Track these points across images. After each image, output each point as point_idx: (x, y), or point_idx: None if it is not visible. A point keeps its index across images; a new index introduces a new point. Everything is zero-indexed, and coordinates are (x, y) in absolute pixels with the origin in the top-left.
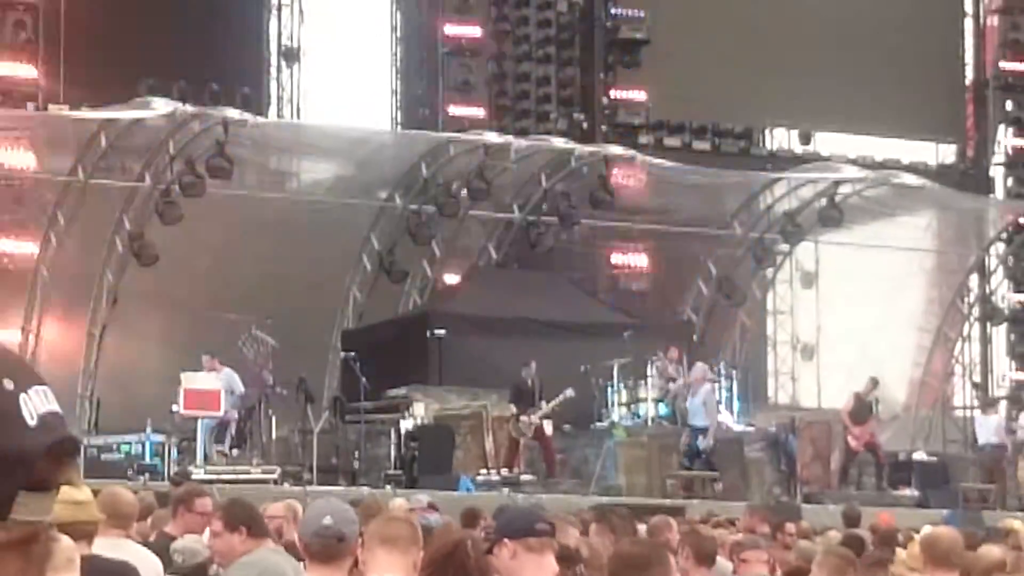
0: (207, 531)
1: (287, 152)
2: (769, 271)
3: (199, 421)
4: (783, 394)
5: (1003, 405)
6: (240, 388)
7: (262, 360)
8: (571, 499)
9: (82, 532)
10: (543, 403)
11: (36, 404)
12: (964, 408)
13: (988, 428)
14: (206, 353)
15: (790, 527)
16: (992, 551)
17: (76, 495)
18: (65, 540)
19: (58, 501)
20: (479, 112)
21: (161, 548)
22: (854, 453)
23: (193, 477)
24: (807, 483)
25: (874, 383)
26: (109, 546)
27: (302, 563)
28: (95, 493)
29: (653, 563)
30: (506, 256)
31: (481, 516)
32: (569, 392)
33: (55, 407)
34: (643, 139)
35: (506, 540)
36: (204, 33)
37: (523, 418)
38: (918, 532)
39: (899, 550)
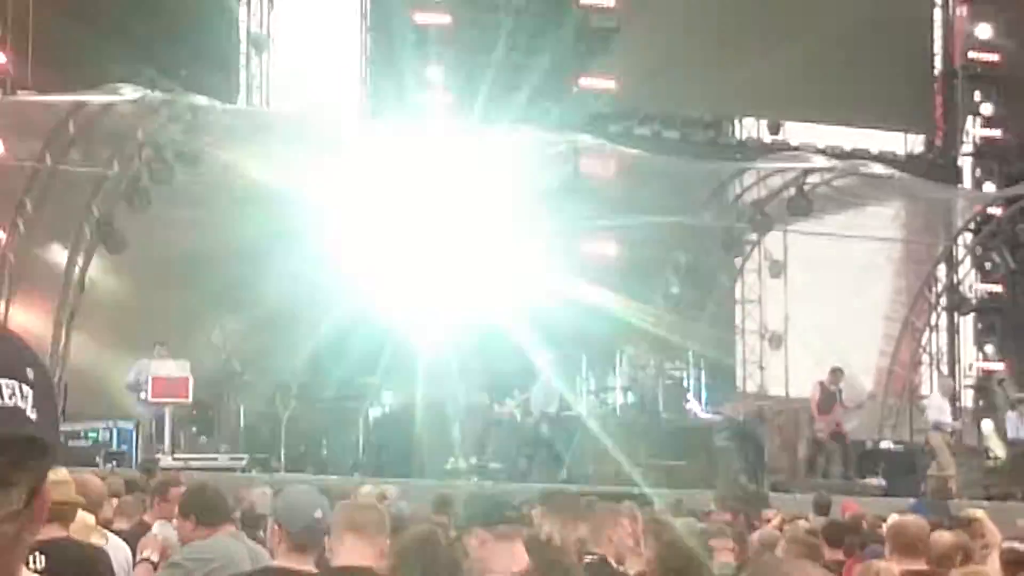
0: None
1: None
2: (737, 260)
3: (166, 408)
4: (751, 383)
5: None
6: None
7: (231, 347)
8: (539, 487)
9: (58, 513)
10: (516, 392)
11: None
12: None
13: (1013, 424)
14: (159, 343)
15: (767, 514)
16: (945, 536)
17: (51, 475)
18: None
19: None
20: (448, 100)
21: (137, 537)
22: (820, 442)
23: (161, 465)
24: (774, 472)
25: (838, 372)
26: (76, 531)
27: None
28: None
29: None
30: None
31: (451, 503)
32: (543, 382)
33: (8, 402)
34: (612, 128)
35: (475, 528)
36: (174, 20)
37: (496, 407)
38: (885, 520)
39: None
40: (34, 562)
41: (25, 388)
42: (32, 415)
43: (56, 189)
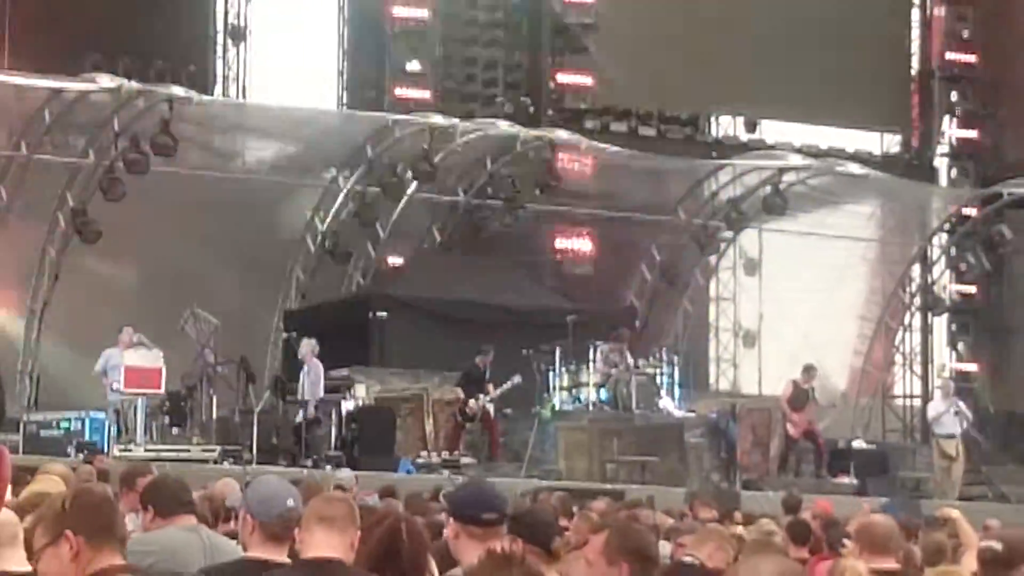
0: None
1: (232, 131)
2: (712, 258)
3: (139, 399)
4: (724, 381)
5: None
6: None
7: (204, 339)
8: (509, 482)
9: (36, 506)
10: (490, 388)
11: None
12: (904, 397)
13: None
14: (128, 325)
15: (738, 515)
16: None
17: (53, 473)
18: (8, 515)
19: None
20: (425, 94)
21: None
22: (793, 440)
23: (133, 455)
24: (746, 470)
25: (811, 371)
26: None
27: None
28: (31, 471)
29: None
30: (450, 239)
31: (395, 493)
32: (517, 379)
33: None
34: (589, 124)
35: (451, 519)
36: (150, 10)
37: (471, 403)
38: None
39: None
40: None
41: None
42: None
43: (31, 178)
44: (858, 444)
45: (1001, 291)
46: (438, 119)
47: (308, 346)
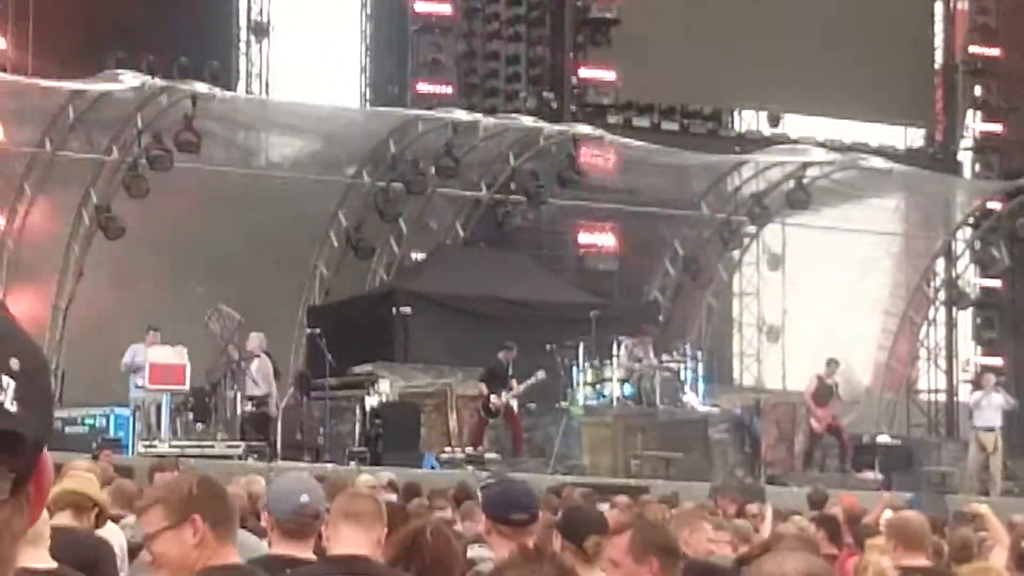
0: None
1: (255, 127)
2: (736, 253)
3: (163, 395)
4: (748, 376)
5: None
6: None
7: (228, 335)
8: (533, 477)
9: (73, 502)
10: (514, 383)
11: None
12: (929, 392)
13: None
14: (152, 328)
15: (752, 508)
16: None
17: (84, 470)
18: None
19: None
20: (448, 90)
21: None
22: (818, 436)
23: (157, 451)
24: (771, 465)
25: (834, 365)
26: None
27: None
28: (56, 469)
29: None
30: (473, 234)
31: (421, 491)
32: (540, 374)
33: None
34: (612, 119)
35: (484, 515)
36: (174, 7)
37: (494, 399)
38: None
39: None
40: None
41: (5, 379)
42: (12, 407)
43: (55, 175)
44: (883, 439)
45: None
46: (461, 114)
47: (256, 339)
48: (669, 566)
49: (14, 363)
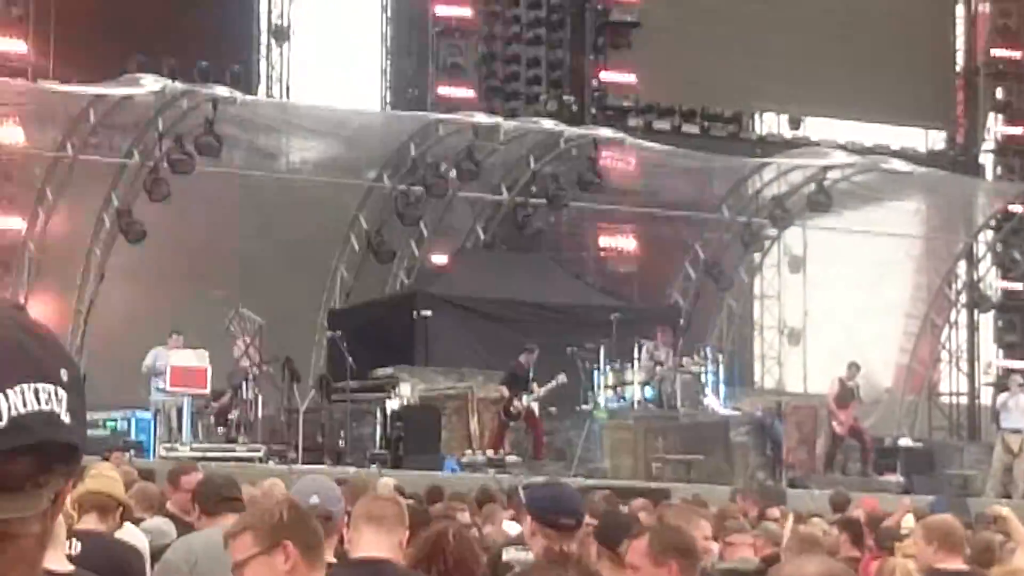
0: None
1: (276, 131)
2: (757, 255)
3: (184, 398)
4: (769, 379)
5: None
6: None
7: (248, 338)
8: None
9: (99, 503)
10: (535, 386)
11: (14, 403)
12: (950, 395)
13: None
14: (175, 332)
15: (772, 511)
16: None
17: (108, 471)
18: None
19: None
20: (468, 93)
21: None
22: (840, 438)
23: (178, 455)
24: (792, 468)
25: (856, 368)
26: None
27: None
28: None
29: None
30: (494, 237)
31: (443, 494)
32: (562, 378)
33: (45, 407)
34: (632, 122)
35: (529, 517)
36: (194, 11)
37: (516, 402)
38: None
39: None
40: (70, 547)
41: (60, 392)
42: (66, 419)
43: (76, 179)
44: (904, 442)
45: None
46: (481, 118)
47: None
48: (688, 568)
49: (64, 374)
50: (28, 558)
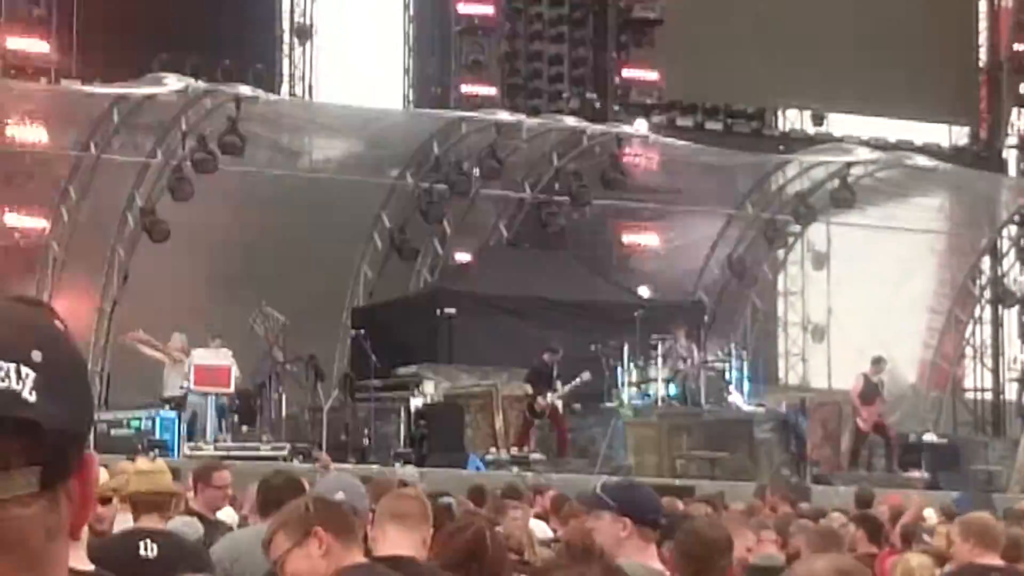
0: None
1: (299, 129)
2: (780, 252)
3: (208, 397)
4: (793, 375)
5: None
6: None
7: (272, 336)
8: (579, 478)
9: (154, 503)
10: (559, 384)
11: None
12: (975, 390)
13: None
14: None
15: (803, 506)
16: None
17: (144, 465)
18: None
19: (131, 472)
20: (491, 91)
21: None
22: (864, 435)
23: (203, 454)
24: (817, 464)
25: (881, 363)
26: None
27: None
28: (104, 466)
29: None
30: (517, 235)
31: (488, 494)
32: (586, 375)
33: (10, 385)
34: (655, 119)
35: (626, 518)
36: (217, 10)
37: (540, 400)
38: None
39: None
40: (146, 549)
41: (25, 370)
42: (30, 397)
43: (99, 178)
44: (929, 438)
45: None
46: (504, 115)
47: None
48: (706, 569)
49: (36, 355)
50: (18, 548)
